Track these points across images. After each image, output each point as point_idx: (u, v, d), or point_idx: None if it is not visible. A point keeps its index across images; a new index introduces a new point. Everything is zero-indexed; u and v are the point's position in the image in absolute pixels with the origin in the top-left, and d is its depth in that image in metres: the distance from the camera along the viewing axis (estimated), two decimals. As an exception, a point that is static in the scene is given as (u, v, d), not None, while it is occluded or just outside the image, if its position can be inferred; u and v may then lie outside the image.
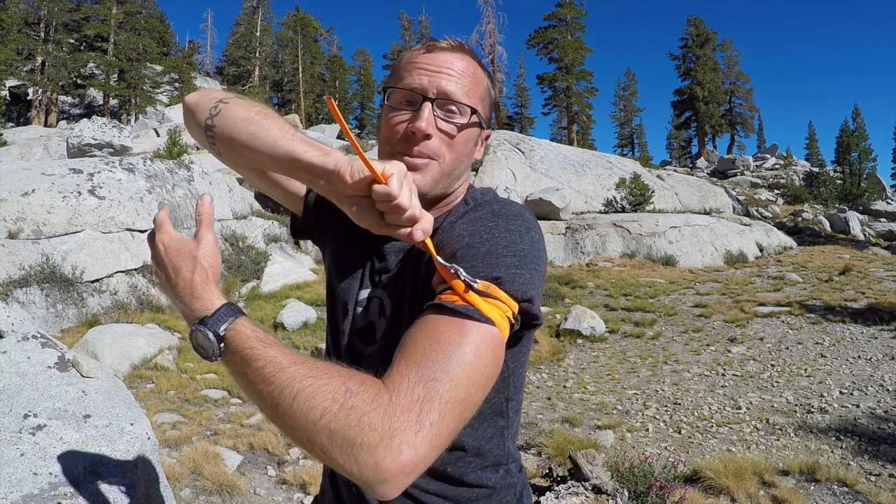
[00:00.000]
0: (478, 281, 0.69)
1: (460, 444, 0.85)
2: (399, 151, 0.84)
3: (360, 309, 0.93)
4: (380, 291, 0.91)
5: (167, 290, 0.78)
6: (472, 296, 0.68)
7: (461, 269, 0.69)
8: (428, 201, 0.87)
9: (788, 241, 17.33)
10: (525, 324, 0.74)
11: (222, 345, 0.69)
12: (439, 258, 0.71)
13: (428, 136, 0.82)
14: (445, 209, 0.91)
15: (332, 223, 1.02)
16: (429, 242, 0.71)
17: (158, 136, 20.85)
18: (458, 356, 0.64)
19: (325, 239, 1.05)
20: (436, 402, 0.60)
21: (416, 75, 0.84)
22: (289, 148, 0.73)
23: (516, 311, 0.71)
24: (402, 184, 0.64)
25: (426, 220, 0.67)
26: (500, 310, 0.69)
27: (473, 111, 0.86)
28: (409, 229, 0.66)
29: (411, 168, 0.80)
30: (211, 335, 0.68)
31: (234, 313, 0.70)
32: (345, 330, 0.95)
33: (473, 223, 0.80)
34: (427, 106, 0.82)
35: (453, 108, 0.84)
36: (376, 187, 0.64)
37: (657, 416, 5.52)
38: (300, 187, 1.05)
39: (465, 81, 0.85)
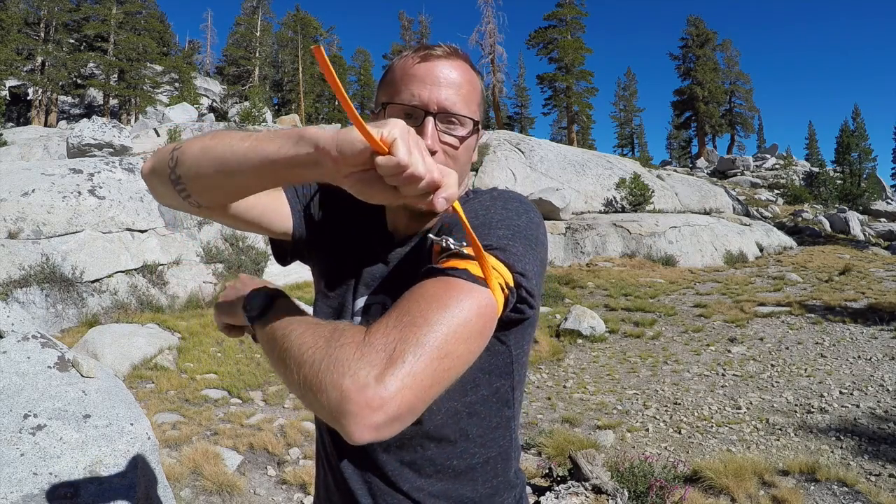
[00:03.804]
0: (464, 245, 0.69)
1: (466, 433, 0.84)
2: None
3: (358, 318, 0.91)
4: (381, 297, 0.90)
5: None
6: (464, 261, 0.67)
7: (451, 239, 0.70)
8: (431, 213, 0.87)
9: (788, 241, 17.33)
10: (521, 298, 0.72)
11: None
12: (431, 235, 0.73)
13: (433, 153, 0.81)
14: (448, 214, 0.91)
15: (323, 238, 1.00)
16: (457, 207, 0.64)
17: (158, 136, 20.84)
18: (439, 305, 0.63)
19: (315, 255, 1.02)
20: (410, 342, 0.59)
21: (414, 88, 0.82)
22: (260, 153, 0.66)
23: (511, 281, 0.70)
24: (409, 148, 0.55)
25: (450, 183, 0.58)
26: (491, 274, 0.67)
27: (474, 122, 0.85)
28: (430, 198, 0.58)
29: None
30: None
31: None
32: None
33: (470, 205, 0.80)
34: (430, 122, 0.81)
35: (454, 120, 0.84)
36: (380, 160, 0.55)
37: (657, 416, 5.51)
38: (285, 218, 0.98)
39: (464, 91, 0.84)
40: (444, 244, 0.70)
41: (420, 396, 0.59)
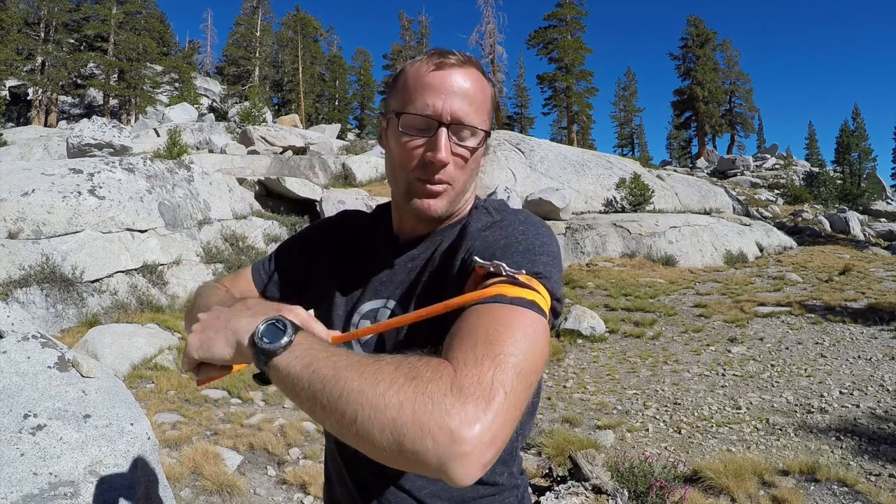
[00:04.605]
0: (521, 273, 0.70)
1: None
2: (418, 178, 0.85)
3: (367, 322, 0.92)
4: (389, 302, 0.91)
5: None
6: (518, 289, 0.68)
7: (504, 265, 0.71)
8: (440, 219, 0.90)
9: (788, 241, 17.32)
10: (553, 323, 0.76)
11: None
12: (477, 258, 0.73)
13: (444, 164, 0.83)
14: (455, 219, 0.93)
15: (314, 265, 1.03)
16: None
17: (158, 136, 20.84)
18: (520, 334, 0.62)
19: (311, 283, 1.04)
20: (508, 371, 0.57)
21: (429, 98, 0.82)
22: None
23: (549, 305, 0.73)
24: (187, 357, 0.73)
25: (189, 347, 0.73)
26: (544, 303, 0.70)
27: (486, 133, 0.86)
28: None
29: (431, 195, 0.85)
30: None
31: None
32: (350, 345, 0.94)
33: (506, 229, 0.82)
34: (443, 133, 0.82)
35: (466, 132, 0.84)
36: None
37: (657, 416, 5.51)
38: (248, 286, 1.05)
39: (477, 101, 0.85)
40: (492, 269, 0.71)
41: (514, 422, 0.57)
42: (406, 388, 0.55)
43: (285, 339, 0.65)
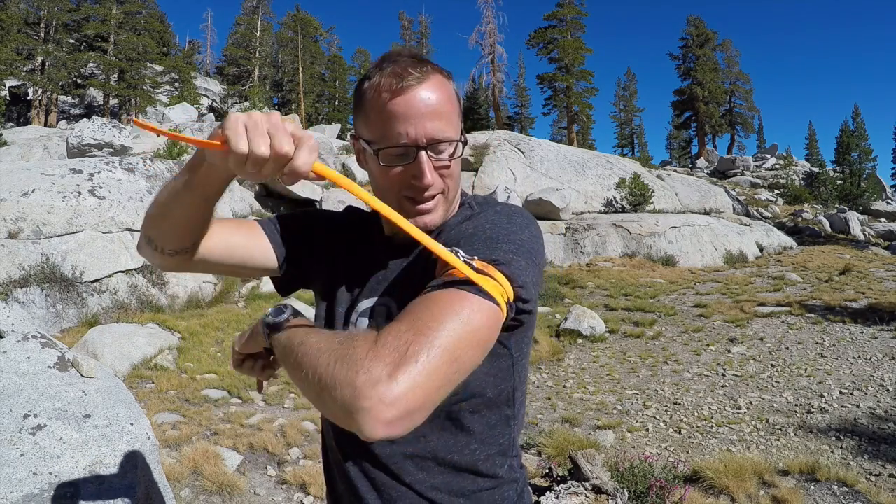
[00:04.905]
0: (476, 259, 0.73)
1: (468, 429, 0.87)
2: (408, 198, 0.87)
3: (364, 319, 0.93)
4: (386, 299, 0.92)
5: None
6: (471, 273, 0.70)
7: (460, 251, 0.74)
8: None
9: (788, 241, 17.32)
10: (518, 309, 0.77)
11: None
12: (439, 245, 0.74)
13: (429, 186, 0.86)
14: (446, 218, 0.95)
15: (318, 257, 1.03)
16: (413, 231, 0.74)
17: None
18: (452, 313, 0.66)
19: (314, 275, 1.05)
20: (423, 344, 0.62)
21: (400, 127, 0.82)
22: (178, 178, 0.82)
23: (512, 295, 0.73)
24: (239, 135, 0.65)
25: (299, 154, 0.67)
26: (498, 289, 0.71)
27: (462, 141, 0.88)
28: (284, 172, 0.67)
29: (425, 212, 0.88)
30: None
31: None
32: None
33: (477, 220, 0.86)
34: (423, 156, 0.83)
35: (443, 145, 0.86)
36: (216, 160, 0.71)
37: (657, 416, 5.51)
38: (266, 251, 1.01)
39: (446, 112, 0.85)
40: (451, 251, 0.73)
41: (430, 396, 0.62)
42: (337, 350, 0.64)
43: (283, 317, 0.83)
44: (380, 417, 0.58)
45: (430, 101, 0.83)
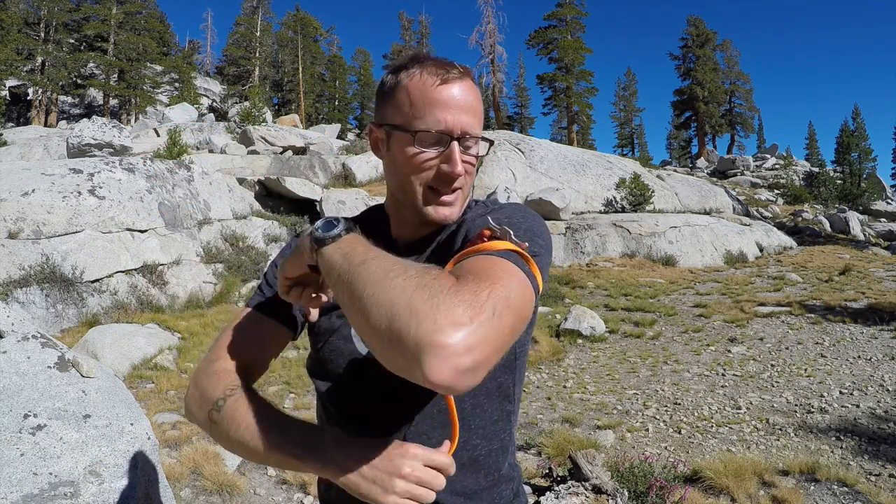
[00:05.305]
0: (526, 245, 0.74)
1: (469, 424, 0.87)
2: (434, 188, 0.89)
3: None
4: None
5: None
6: (525, 254, 0.73)
7: (511, 232, 0.74)
8: None
9: (788, 241, 17.31)
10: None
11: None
12: (490, 219, 0.78)
13: (457, 176, 0.88)
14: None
15: None
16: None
17: (158, 136, 20.84)
18: (519, 281, 0.67)
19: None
20: (501, 299, 0.61)
21: (439, 113, 0.85)
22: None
23: (540, 287, 0.76)
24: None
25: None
26: (538, 277, 0.74)
27: (488, 142, 0.93)
28: None
29: (446, 204, 0.89)
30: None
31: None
32: (352, 335, 0.94)
33: (507, 211, 0.88)
34: (455, 147, 0.86)
35: (472, 141, 0.89)
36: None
37: (657, 416, 5.51)
38: (281, 337, 1.02)
39: (478, 112, 0.90)
40: (499, 233, 0.74)
41: (495, 354, 0.60)
42: (412, 279, 0.60)
43: (335, 232, 0.74)
44: (455, 362, 0.54)
45: (468, 96, 0.88)
